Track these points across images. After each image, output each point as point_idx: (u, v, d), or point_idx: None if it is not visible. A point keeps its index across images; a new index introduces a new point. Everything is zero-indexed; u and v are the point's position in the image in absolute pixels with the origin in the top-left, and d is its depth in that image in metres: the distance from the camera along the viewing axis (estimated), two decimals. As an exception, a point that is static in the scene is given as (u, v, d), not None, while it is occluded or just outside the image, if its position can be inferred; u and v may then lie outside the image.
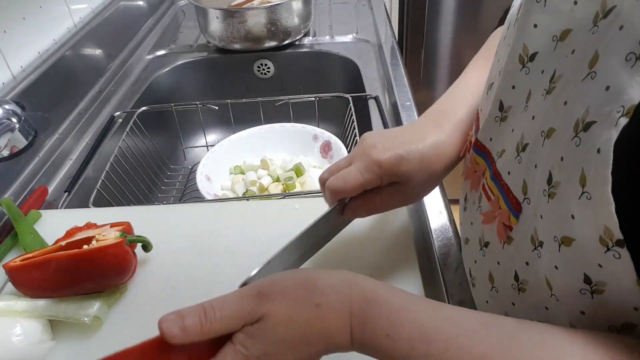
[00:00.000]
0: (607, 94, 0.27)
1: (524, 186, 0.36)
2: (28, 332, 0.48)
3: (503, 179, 0.39)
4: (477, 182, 0.45)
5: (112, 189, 0.74)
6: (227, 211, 0.65)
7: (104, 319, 0.51)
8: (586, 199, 0.28)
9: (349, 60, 1.08)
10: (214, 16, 1.06)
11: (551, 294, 0.34)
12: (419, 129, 0.48)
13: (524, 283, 0.37)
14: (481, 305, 0.46)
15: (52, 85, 0.87)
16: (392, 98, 0.91)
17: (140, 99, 0.99)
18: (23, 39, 0.86)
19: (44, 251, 0.52)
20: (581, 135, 0.29)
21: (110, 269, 0.51)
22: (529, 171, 0.35)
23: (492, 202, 0.41)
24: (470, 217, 0.47)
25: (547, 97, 0.34)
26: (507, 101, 0.40)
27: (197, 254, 0.58)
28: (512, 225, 0.37)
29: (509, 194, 0.38)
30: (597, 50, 0.29)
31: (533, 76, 0.36)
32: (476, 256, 0.45)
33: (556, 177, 0.31)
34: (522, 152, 0.36)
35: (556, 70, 0.33)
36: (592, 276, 0.30)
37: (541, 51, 0.35)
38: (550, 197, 0.32)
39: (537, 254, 0.34)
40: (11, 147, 0.65)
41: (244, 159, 0.89)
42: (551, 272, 0.33)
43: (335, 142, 0.85)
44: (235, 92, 1.15)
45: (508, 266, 0.39)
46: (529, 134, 0.36)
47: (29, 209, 0.65)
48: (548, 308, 0.35)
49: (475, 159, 0.45)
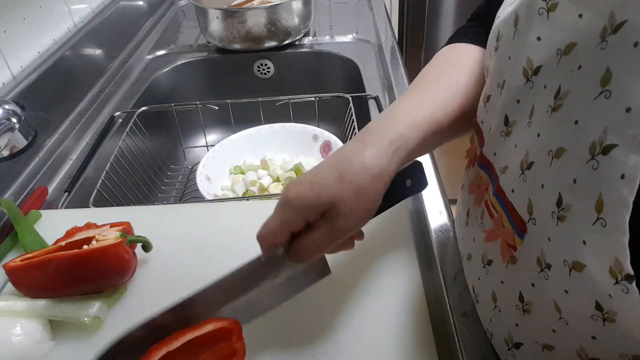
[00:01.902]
0: (630, 116, 0.26)
1: (529, 206, 0.34)
2: (28, 332, 0.48)
3: (507, 197, 0.37)
4: (481, 198, 0.44)
5: (112, 189, 0.74)
6: (227, 211, 0.65)
7: (103, 319, 0.51)
8: (601, 225, 0.27)
9: (349, 60, 1.08)
10: (214, 16, 1.06)
11: (560, 317, 0.33)
12: (334, 154, 0.45)
13: (529, 304, 0.36)
14: (485, 321, 0.45)
15: (52, 85, 0.87)
16: (392, 98, 0.91)
17: (140, 99, 0.99)
18: (23, 39, 0.86)
19: (44, 251, 0.52)
20: (599, 158, 0.27)
21: (110, 269, 0.51)
22: (535, 191, 0.34)
23: (495, 220, 0.39)
24: (473, 232, 0.45)
25: (552, 115, 0.32)
26: (512, 115, 0.38)
27: (197, 254, 0.58)
28: (517, 245, 0.36)
29: (512, 212, 0.36)
30: (609, 67, 0.27)
31: (536, 91, 0.35)
32: (479, 273, 0.44)
33: (567, 200, 0.30)
34: (527, 171, 0.35)
35: (561, 86, 0.32)
36: (603, 304, 0.29)
37: (545, 65, 0.34)
38: (559, 220, 0.31)
39: (544, 276, 0.33)
40: (11, 147, 0.65)
41: (244, 159, 0.89)
42: (561, 295, 0.32)
43: (335, 142, 0.85)
44: (235, 92, 1.15)
45: (512, 286, 0.38)
46: (534, 152, 0.34)
47: (29, 209, 0.65)
48: (555, 331, 0.34)
49: (479, 174, 0.44)
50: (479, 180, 0.44)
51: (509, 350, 0.41)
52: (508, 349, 0.41)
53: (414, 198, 0.67)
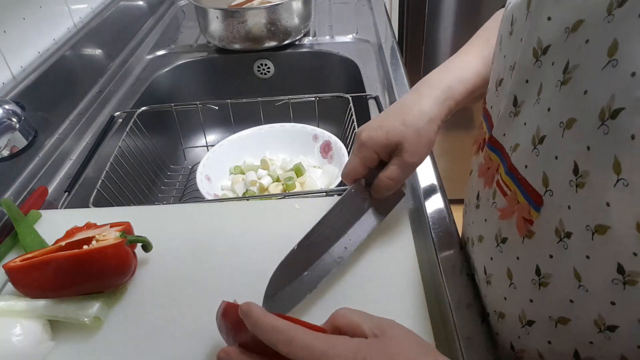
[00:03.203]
0: (635, 79, 0.28)
1: (544, 178, 0.36)
2: (28, 332, 0.48)
3: (520, 173, 0.39)
4: (491, 179, 0.45)
5: (112, 189, 0.74)
6: (227, 211, 0.65)
7: (104, 319, 0.51)
8: (623, 185, 0.28)
9: (349, 60, 1.08)
10: (214, 16, 1.06)
11: (579, 285, 0.34)
12: (396, 103, 0.56)
13: (545, 277, 0.38)
14: (498, 302, 0.46)
15: (52, 85, 0.87)
16: (392, 98, 0.91)
17: (140, 99, 0.99)
18: (23, 39, 0.86)
19: (44, 251, 0.52)
20: (609, 123, 0.29)
21: (110, 269, 0.51)
22: (549, 163, 0.35)
23: (509, 197, 0.41)
24: (485, 214, 0.47)
25: (562, 88, 0.34)
26: (520, 96, 0.40)
27: (197, 254, 0.58)
28: (533, 218, 0.37)
29: (527, 187, 0.38)
30: (616, 38, 0.29)
31: (544, 69, 0.37)
32: (492, 253, 0.45)
33: (583, 167, 0.31)
34: (539, 145, 0.36)
35: (569, 61, 0.33)
36: (625, 266, 0.30)
37: (553, 44, 0.36)
38: (579, 187, 0.32)
39: (563, 246, 0.35)
40: (11, 147, 0.65)
41: (244, 159, 0.89)
42: (582, 262, 0.33)
43: (335, 142, 0.85)
44: (235, 92, 1.15)
45: (529, 261, 0.39)
46: (546, 126, 0.36)
47: (29, 209, 0.65)
48: (573, 301, 0.35)
49: (489, 156, 0.46)
50: (489, 163, 0.46)
51: (522, 328, 0.42)
52: (522, 326, 0.42)
53: (414, 198, 0.67)
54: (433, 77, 0.56)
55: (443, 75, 0.56)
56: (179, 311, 0.52)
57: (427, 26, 1.74)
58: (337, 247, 0.52)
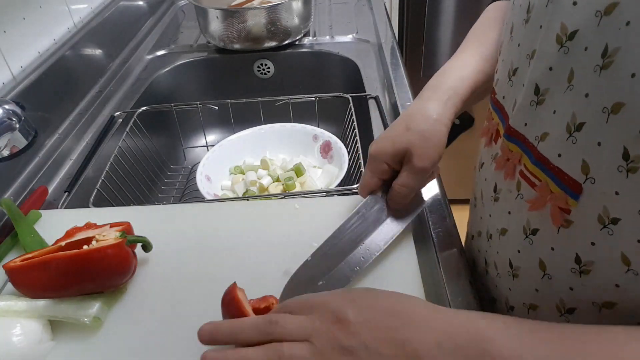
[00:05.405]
0: None
1: (584, 166, 0.35)
2: (28, 332, 0.48)
3: (552, 162, 0.38)
4: (512, 170, 0.45)
5: (112, 189, 0.74)
6: (227, 211, 0.65)
7: (103, 319, 0.51)
8: None
9: (349, 60, 1.08)
10: (214, 16, 1.06)
11: (628, 269, 0.34)
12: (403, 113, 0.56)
13: (587, 265, 0.37)
14: (529, 294, 0.45)
15: (52, 85, 0.87)
16: (392, 98, 0.91)
17: (140, 99, 0.99)
18: (23, 39, 0.86)
19: (44, 251, 0.52)
20: None
21: (110, 270, 0.51)
22: (590, 150, 0.34)
23: (539, 188, 0.40)
24: (508, 206, 0.46)
25: (602, 73, 0.33)
26: (543, 84, 0.39)
27: (197, 254, 0.58)
28: (571, 207, 0.37)
29: (562, 176, 0.37)
30: None
31: (574, 55, 0.36)
32: (519, 246, 0.45)
33: (635, 151, 0.31)
34: (576, 132, 0.35)
35: (608, 45, 0.32)
36: None
37: (582, 28, 0.35)
38: (630, 172, 0.32)
39: (608, 232, 0.34)
40: (11, 147, 0.65)
41: (244, 159, 0.89)
42: (632, 246, 0.33)
43: (335, 142, 0.85)
44: (235, 92, 1.15)
45: (566, 250, 0.39)
46: (584, 113, 0.35)
47: (29, 209, 0.65)
48: (619, 285, 0.35)
49: (507, 147, 0.45)
50: (508, 154, 0.45)
51: (562, 317, 0.42)
52: (561, 314, 0.42)
53: (414, 198, 0.67)
54: (434, 81, 0.56)
55: (443, 77, 0.56)
56: (179, 311, 0.52)
57: (427, 26, 1.74)
58: (354, 257, 0.52)
